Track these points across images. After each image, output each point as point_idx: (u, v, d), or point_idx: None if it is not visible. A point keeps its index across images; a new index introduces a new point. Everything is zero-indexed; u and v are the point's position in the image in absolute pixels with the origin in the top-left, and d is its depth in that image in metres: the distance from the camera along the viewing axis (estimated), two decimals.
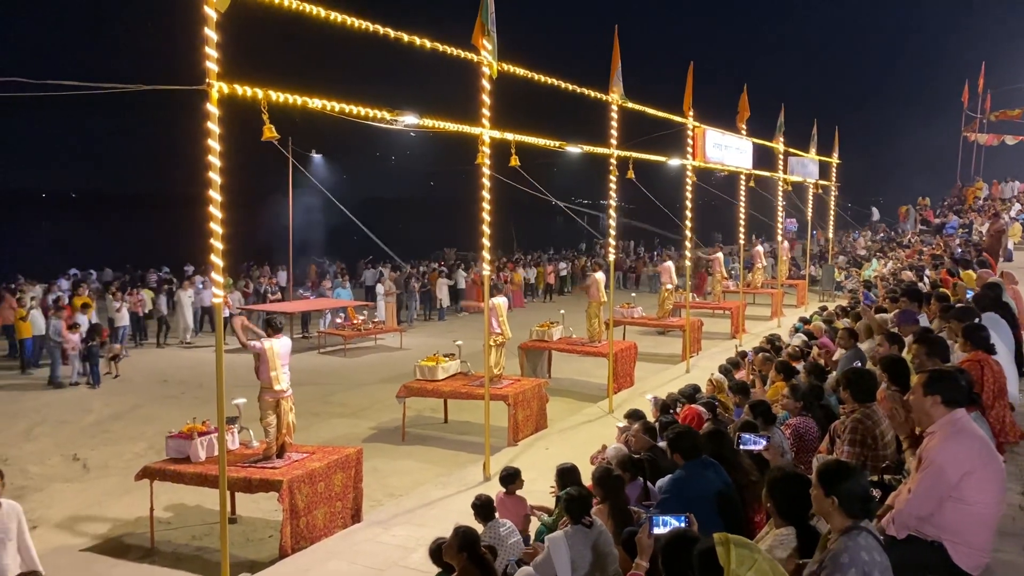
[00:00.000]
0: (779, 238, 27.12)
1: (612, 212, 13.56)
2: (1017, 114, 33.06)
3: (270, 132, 7.07)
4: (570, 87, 11.53)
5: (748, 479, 5.32)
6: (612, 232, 13.62)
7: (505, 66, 9.97)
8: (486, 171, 10.11)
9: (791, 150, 24.11)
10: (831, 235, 31.70)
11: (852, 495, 3.35)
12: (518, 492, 6.95)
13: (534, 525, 6.78)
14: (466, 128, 9.85)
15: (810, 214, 27.93)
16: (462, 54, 9.42)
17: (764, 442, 5.32)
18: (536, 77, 10.72)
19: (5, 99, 6.48)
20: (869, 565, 3.21)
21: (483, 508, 6.06)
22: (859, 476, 3.45)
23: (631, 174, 13.42)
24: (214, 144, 6.55)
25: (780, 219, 25.90)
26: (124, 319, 19.28)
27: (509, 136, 10.40)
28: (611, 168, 13.08)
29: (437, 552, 5.45)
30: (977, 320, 6.85)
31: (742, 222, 20.30)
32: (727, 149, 17.88)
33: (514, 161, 10.53)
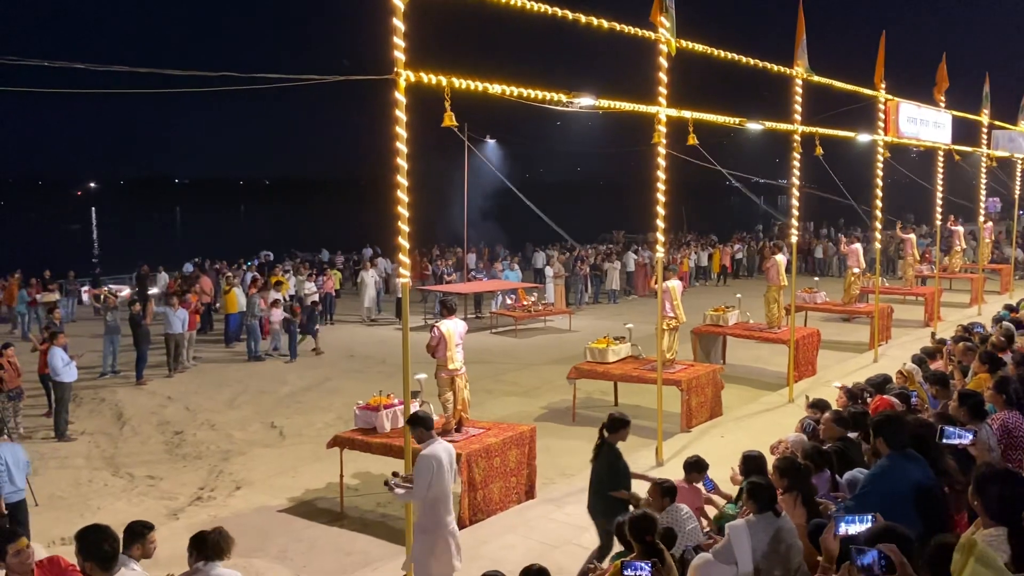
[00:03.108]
0: (981, 218, 24.89)
1: (796, 191, 12.95)
2: None
3: (451, 120, 7.23)
4: (751, 62, 11.08)
5: (953, 487, 4.88)
6: (795, 212, 13.02)
7: (683, 43, 9.73)
8: (661, 151, 9.93)
9: (996, 123, 22.00)
10: None
11: None
12: (697, 484, 6.81)
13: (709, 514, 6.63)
14: (642, 107, 9.70)
15: (1018, 192, 25.42)
16: (640, 32, 9.28)
17: (971, 436, 4.86)
18: (715, 53, 10.37)
19: (217, 92, 7.03)
20: None
21: (667, 492, 5.98)
22: None
23: (819, 151, 12.76)
24: (401, 131, 6.81)
25: (982, 198, 23.73)
26: (315, 299, 20.57)
27: (686, 114, 10.14)
28: (795, 145, 12.48)
29: (621, 528, 5.42)
30: None
31: (939, 201, 18.78)
32: (923, 123, 16.58)
33: (692, 140, 10.27)
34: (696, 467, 6.77)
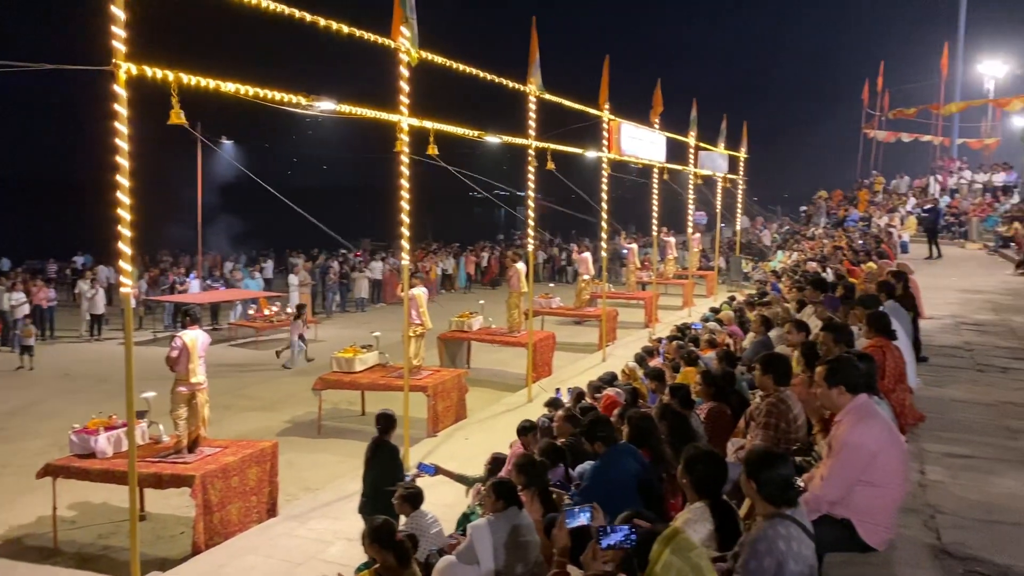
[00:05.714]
0: (689, 230, 27.78)
1: (531, 203, 13.63)
2: (913, 112, 34.29)
3: (178, 117, 6.78)
4: (489, 77, 11.50)
5: (669, 472, 5.37)
6: (531, 222, 13.70)
7: (424, 54, 9.87)
8: (405, 159, 10.00)
9: (701, 144, 24.67)
10: (739, 227, 32.65)
11: (770, 482, 3.40)
12: (532, 448, 6.84)
13: None
14: (383, 115, 9.72)
15: (719, 207, 28.69)
16: (381, 40, 9.28)
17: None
18: (455, 66, 10.65)
19: None
20: (785, 555, 3.25)
21: (410, 498, 6.00)
22: (780, 464, 3.47)
23: (551, 165, 13.52)
24: (121, 127, 6.28)
25: (690, 211, 26.52)
26: (24, 311, 18.28)
27: (428, 124, 10.31)
28: (529, 159, 13.14)
29: (364, 538, 5.35)
30: (880, 308, 7.17)
31: (655, 214, 20.69)
32: (641, 142, 18.19)
33: (432, 150, 10.43)
34: (529, 430, 7.00)
